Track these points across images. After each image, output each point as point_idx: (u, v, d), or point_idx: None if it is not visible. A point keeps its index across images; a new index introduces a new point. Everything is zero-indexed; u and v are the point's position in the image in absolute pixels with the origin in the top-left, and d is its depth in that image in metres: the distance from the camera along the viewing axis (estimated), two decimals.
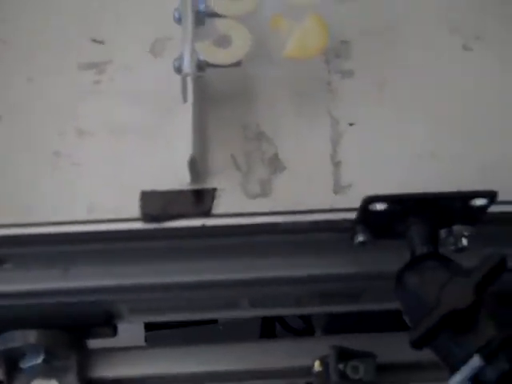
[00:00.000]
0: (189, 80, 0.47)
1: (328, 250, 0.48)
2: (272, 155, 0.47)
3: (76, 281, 0.49)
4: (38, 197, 0.46)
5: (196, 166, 0.45)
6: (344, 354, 0.51)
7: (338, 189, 0.46)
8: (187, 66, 0.47)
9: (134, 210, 0.45)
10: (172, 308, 0.53)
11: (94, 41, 0.52)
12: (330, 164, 0.47)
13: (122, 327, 0.53)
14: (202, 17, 0.49)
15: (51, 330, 0.51)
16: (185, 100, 0.48)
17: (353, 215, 0.44)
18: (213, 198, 0.45)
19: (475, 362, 0.36)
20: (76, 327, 0.51)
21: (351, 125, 0.49)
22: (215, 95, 0.49)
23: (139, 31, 0.53)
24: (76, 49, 0.52)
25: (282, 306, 0.54)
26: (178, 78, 0.48)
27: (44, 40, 0.53)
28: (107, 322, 0.52)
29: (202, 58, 0.47)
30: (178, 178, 0.46)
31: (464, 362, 0.36)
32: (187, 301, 0.52)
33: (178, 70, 0.48)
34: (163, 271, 0.48)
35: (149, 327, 0.84)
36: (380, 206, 0.42)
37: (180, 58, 0.48)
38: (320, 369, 0.51)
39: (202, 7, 0.49)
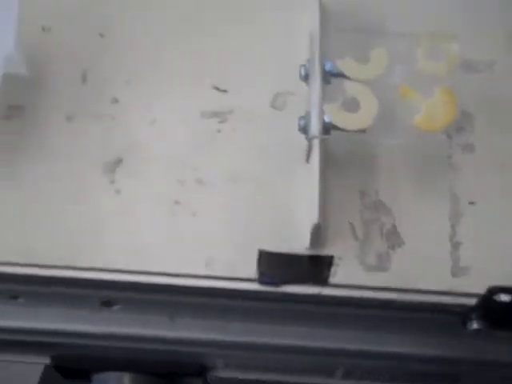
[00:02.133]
0: (315, 142, 0.47)
1: (435, 331, 0.48)
2: (390, 227, 0.48)
3: (179, 330, 0.50)
4: (155, 246, 0.47)
5: (319, 233, 0.45)
6: None
7: (456, 271, 0.46)
8: (315, 128, 0.48)
9: (250, 268, 0.45)
10: (267, 368, 0.53)
11: (218, 89, 0.53)
12: (448, 244, 0.47)
13: None
14: (328, 76, 0.50)
15: (145, 375, 0.52)
16: (308, 161, 0.49)
17: (470, 300, 0.44)
18: (330, 266, 0.45)
19: None
20: (170, 375, 0.52)
21: (471, 203, 0.49)
22: (334, 158, 0.50)
23: (262, 83, 0.54)
24: (199, 96, 0.53)
25: (376, 379, 0.54)
26: (298, 134, 0.50)
27: (168, 84, 0.53)
28: (200, 374, 0.53)
29: (328, 120, 0.48)
30: (296, 240, 0.47)
31: None
32: (285, 362, 0.52)
33: (304, 129, 0.49)
34: (269, 332, 0.49)
35: None
36: (505, 298, 0.42)
37: (306, 118, 0.49)
38: None
39: (328, 67, 0.50)
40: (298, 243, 0.47)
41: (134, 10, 0.57)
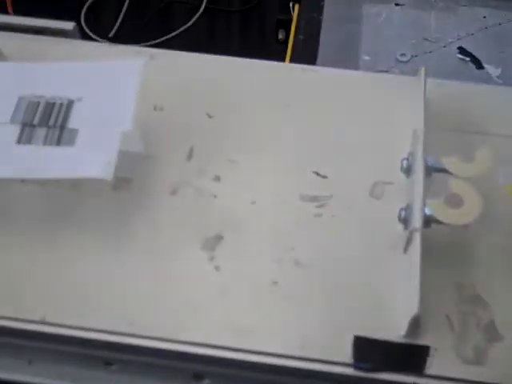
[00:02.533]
0: (416, 235, 0.48)
1: None
2: (488, 321, 0.48)
3: None
4: (251, 324, 0.48)
5: (418, 323, 0.46)
6: None
7: None
8: (416, 220, 0.48)
9: (345, 353, 0.46)
10: None
11: (318, 175, 0.55)
12: None
13: None
14: (430, 171, 0.51)
15: None
16: (406, 251, 0.50)
17: None
18: (426, 357, 0.46)
19: None
20: None
21: None
22: (432, 249, 0.50)
23: (361, 172, 0.55)
24: (300, 180, 0.55)
25: None
26: (395, 223, 0.52)
27: (270, 166, 0.55)
28: None
29: (429, 212, 0.49)
30: (392, 328, 0.47)
31: None
32: None
33: (404, 221, 0.50)
34: None
35: None
36: None
37: (407, 210, 0.50)
38: None
39: (431, 162, 0.52)
40: (394, 331, 0.47)
41: (240, 94, 0.60)
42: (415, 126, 0.54)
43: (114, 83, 0.52)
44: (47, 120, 0.51)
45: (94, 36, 1.94)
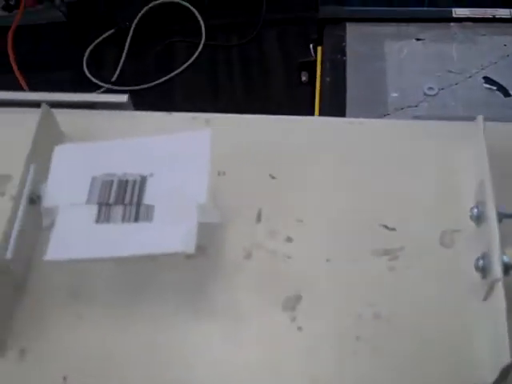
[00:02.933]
0: (498, 285, 0.50)
1: None
2: None
3: None
4: (340, 381, 0.49)
5: (508, 373, 0.47)
6: None
7: None
8: (496, 270, 0.50)
9: None
10: None
11: (386, 227, 0.56)
12: None
13: None
14: (501, 217, 0.53)
15: None
16: (486, 299, 0.51)
17: None
18: None
19: None
20: None
21: None
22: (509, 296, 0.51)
23: (427, 221, 0.57)
24: (369, 234, 0.56)
25: None
26: (469, 270, 0.53)
27: (339, 223, 0.57)
28: None
29: (507, 259, 0.50)
30: (475, 379, 0.48)
31: None
32: None
33: (483, 270, 0.51)
34: None
35: None
36: None
37: (484, 259, 0.51)
38: None
39: (501, 208, 0.53)
40: (478, 380, 0.48)
41: (299, 151, 0.62)
42: (479, 172, 0.55)
43: (184, 156, 0.54)
44: (122, 198, 0.53)
45: (96, 81, 1.97)
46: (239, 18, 2.08)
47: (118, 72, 2.02)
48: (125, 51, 2.06)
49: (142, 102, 1.87)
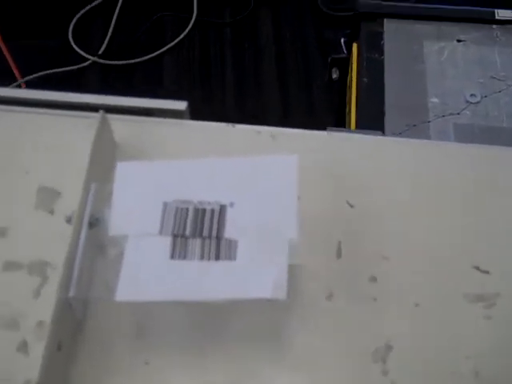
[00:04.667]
0: None
1: None
2: None
3: None
4: None
5: None
6: None
7: None
8: None
9: None
10: None
11: (478, 269, 0.52)
12: None
13: None
14: None
15: None
16: None
17: None
18: None
19: None
20: None
21: None
22: None
23: None
24: (460, 277, 0.51)
25: None
26: None
27: (429, 264, 0.52)
28: None
29: None
30: None
31: None
32: None
33: None
34: None
35: None
36: None
37: None
38: None
39: None
40: None
41: (381, 178, 0.57)
42: None
43: (269, 183, 0.48)
44: (200, 230, 0.47)
45: (83, 54, 1.88)
46: None
47: (105, 45, 1.94)
48: (113, 23, 1.98)
49: (129, 77, 1.80)
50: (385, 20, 0.96)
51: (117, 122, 0.56)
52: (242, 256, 0.46)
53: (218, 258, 0.46)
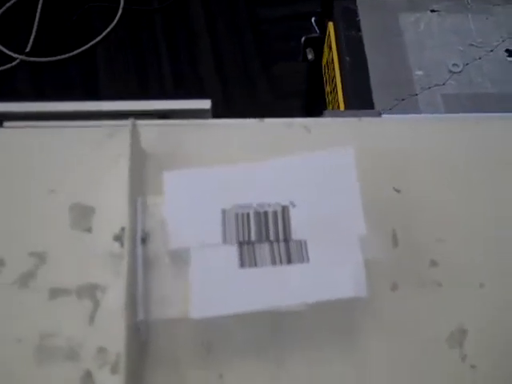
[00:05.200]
0: None
1: None
2: None
3: None
4: None
5: None
6: None
7: None
8: None
9: None
10: None
11: None
12: None
13: None
14: None
15: None
16: None
17: None
18: None
19: None
20: None
21: None
22: None
23: None
24: None
25: None
26: None
27: (488, 240, 0.52)
28: None
29: None
30: None
31: None
32: None
33: None
34: None
35: None
36: None
37: None
38: None
39: None
40: None
41: (424, 160, 0.57)
42: None
43: (328, 179, 0.47)
44: (266, 234, 0.45)
45: (10, 53, 1.81)
46: None
47: (31, 41, 1.87)
48: (37, 18, 1.91)
49: (63, 72, 1.74)
50: None
51: (142, 127, 0.54)
52: (314, 257, 0.45)
53: (290, 261, 0.45)
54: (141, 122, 0.53)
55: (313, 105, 1.14)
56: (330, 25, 0.92)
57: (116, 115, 0.54)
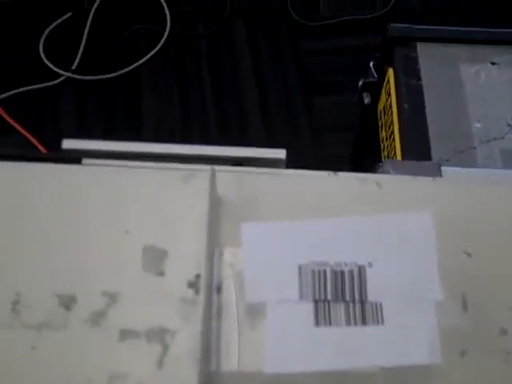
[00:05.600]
0: None
1: None
2: None
3: None
4: None
5: None
6: None
7: None
8: None
9: None
10: None
11: None
12: None
13: None
14: None
15: None
16: None
17: None
18: None
19: None
20: None
21: None
22: None
23: None
24: None
25: None
26: None
27: None
28: None
29: None
30: None
31: None
32: None
33: None
34: None
35: None
36: None
37: None
38: None
39: None
40: None
41: (498, 226, 0.56)
42: None
43: (405, 242, 0.47)
44: (342, 293, 0.46)
45: (57, 70, 1.84)
46: (206, 4, 2.00)
47: (78, 60, 1.90)
48: (84, 37, 1.94)
49: (106, 92, 1.77)
50: (418, 44, 0.96)
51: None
52: (389, 319, 0.45)
53: (364, 322, 0.45)
54: (217, 168, 0.54)
55: (363, 148, 1.15)
56: (390, 71, 0.93)
57: (185, 158, 0.55)
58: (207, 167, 0.51)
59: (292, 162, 0.57)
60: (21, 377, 0.46)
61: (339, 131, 1.66)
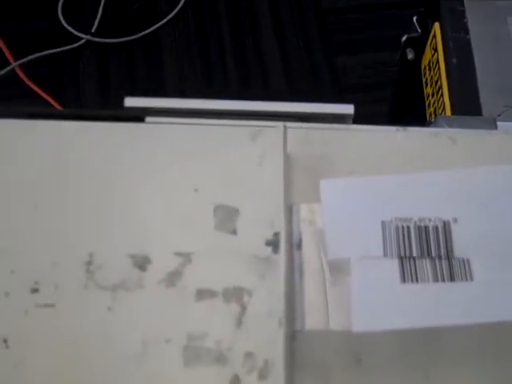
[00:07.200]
0: None
1: None
2: None
3: None
4: None
5: None
6: None
7: None
8: None
9: None
10: None
11: None
12: None
13: None
14: None
15: None
16: None
17: None
18: None
19: None
20: None
21: None
22: None
23: None
24: None
25: None
26: None
27: None
28: None
29: None
30: None
31: None
32: None
33: None
34: None
35: None
36: None
37: None
38: None
39: None
40: None
41: None
42: None
43: (491, 198, 0.46)
44: (428, 250, 0.45)
45: (75, 32, 1.82)
46: None
47: (97, 23, 1.89)
48: (103, 1, 1.93)
49: (127, 54, 1.75)
50: None
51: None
52: (478, 276, 0.44)
53: (452, 279, 0.44)
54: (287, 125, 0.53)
55: (403, 106, 1.13)
56: (436, 25, 0.91)
57: (247, 114, 0.54)
58: (273, 123, 0.50)
59: None
60: (98, 338, 0.45)
61: (368, 91, 1.65)
